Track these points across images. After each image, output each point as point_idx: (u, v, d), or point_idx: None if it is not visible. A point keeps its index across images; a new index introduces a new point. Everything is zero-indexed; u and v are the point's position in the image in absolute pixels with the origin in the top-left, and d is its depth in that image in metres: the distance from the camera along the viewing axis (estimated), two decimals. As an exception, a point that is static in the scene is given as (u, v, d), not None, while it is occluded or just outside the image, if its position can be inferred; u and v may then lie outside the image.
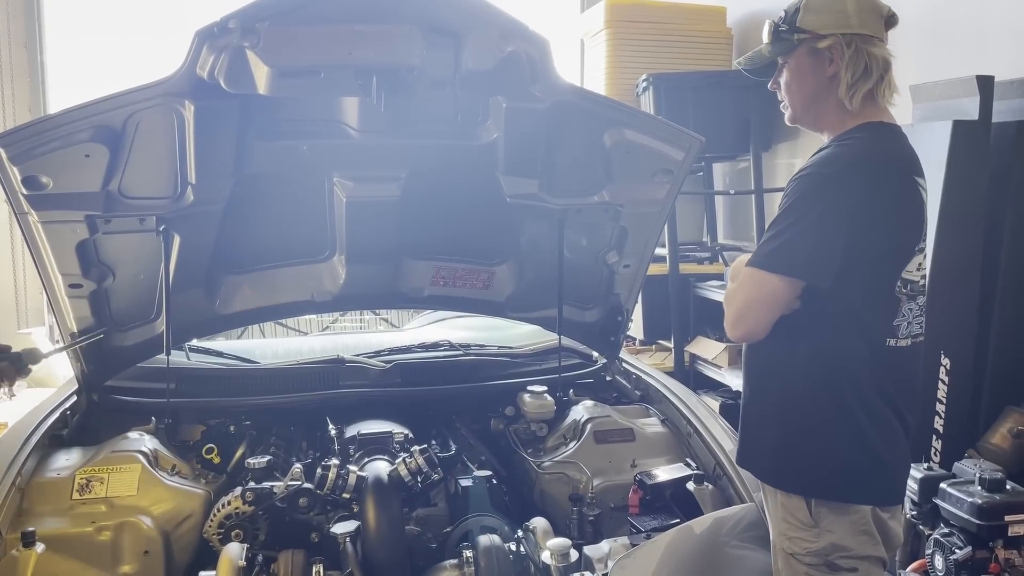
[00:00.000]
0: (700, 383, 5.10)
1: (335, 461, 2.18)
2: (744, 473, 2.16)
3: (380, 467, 2.20)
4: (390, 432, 2.42)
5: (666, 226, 5.03)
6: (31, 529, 1.94)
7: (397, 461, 2.21)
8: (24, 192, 2.08)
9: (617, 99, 5.51)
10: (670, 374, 5.12)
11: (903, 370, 1.77)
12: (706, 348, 4.94)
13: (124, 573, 2.09)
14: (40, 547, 1.94)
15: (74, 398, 2.60)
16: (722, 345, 4.80)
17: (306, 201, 2.42)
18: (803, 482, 1.75)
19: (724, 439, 2.37)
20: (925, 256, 1.77)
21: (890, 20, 1.75)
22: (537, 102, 2.12)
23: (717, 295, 4.83)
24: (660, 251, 5.19)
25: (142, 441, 2.37)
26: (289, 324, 3.89)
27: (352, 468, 2.17)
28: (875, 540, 1.73)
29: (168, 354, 2.46)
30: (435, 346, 2.93)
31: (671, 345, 5.17)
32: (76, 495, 2.18)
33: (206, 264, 2.45)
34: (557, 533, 2.15)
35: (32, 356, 1.78)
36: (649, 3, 5.44)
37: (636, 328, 5.45)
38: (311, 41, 1.81)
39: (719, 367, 4.77)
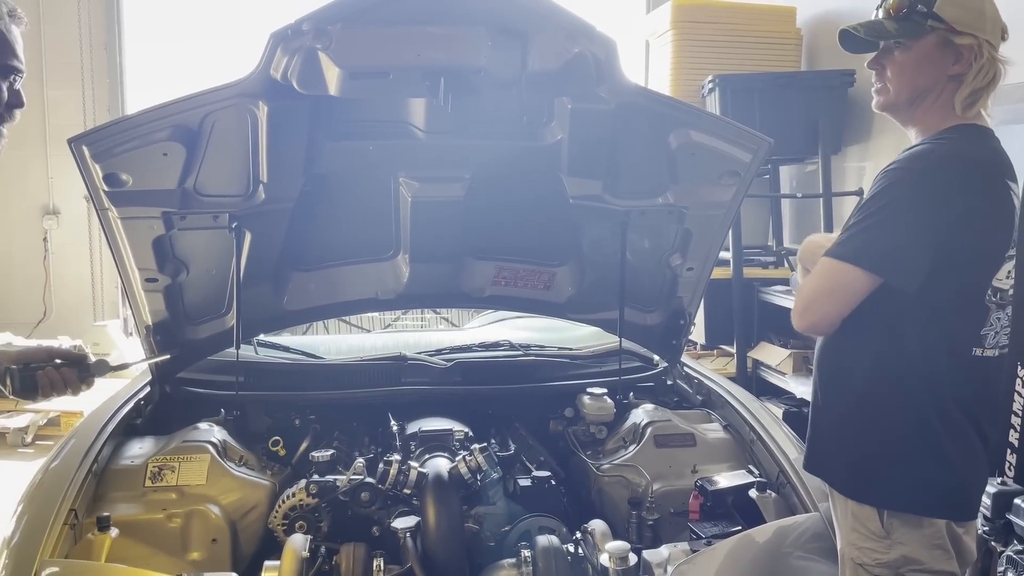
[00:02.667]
0: (763, 389, 5.02)
1: (396, 457, 2.21)
2: (810, 481, 2.12)
3: (440, 464, 2.22)
4: (450, 430, 2.44)
5: (730, 229, 4.98)
6: (106, 514, 2.01)
7: (457, 459, 2.23)
8: (105, 189, 2.16)
9: (684, 100, 5.49)
10: (732, 380, 5.09)
11: (986, 382, 1.72)
12: (770, 354, 4.86)
13: (193, 560, 2.15)
14: (114, 532, 2.01)
15: (148, 389, 2.69)
16: (787, 351, 4.71)
17: (372, 200, 2.46)
18: (876, 493, 1.71)
19: (788, 447, 2.33)
20: (1014, 263, 1.71)
21: (1003, 34, 1.70)
22: (602, 103, 2.11)
23: (782, 300, 4.75)
24: (724, 255, 5.12)
25: (211, 432, 2.44)
26: (352, 321, 3.95)
27: (413, 464, 2.20)
28: (949, 555, 1.68)
29: (238, 348, 2.52)
30: (496, 346, 2.95)
31: (733, 350, 5.10)
32: (148, 482, 2.25)
33: (275, 261, 2.50)
34: (615, 537, 2.14)
35: (99, 368, 1.84)
36: (716, 3, 5.38)
37: (697, 333, 5.39)
38: (381, 43, 1.84)
39: (783, 374, 4.69)
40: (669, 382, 2.96)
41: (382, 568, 2.04)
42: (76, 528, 1.99)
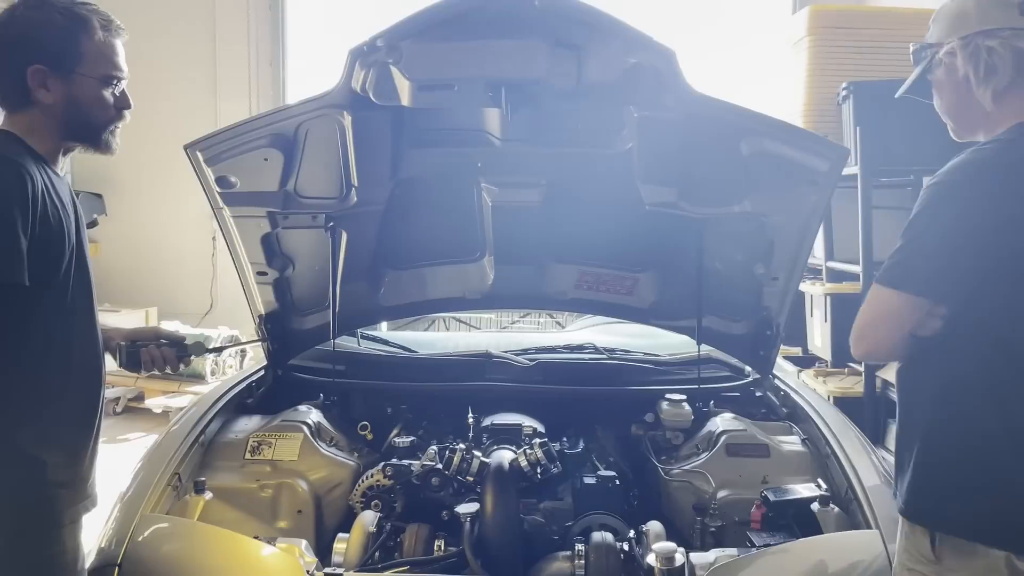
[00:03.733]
0: (891, 411, 4.77)
1: (462, 445, 2.34)
2: (877, 499, 2.07)
3: (503, 455, 2.33)
4: (520, 425, 2.54)
5: (860, 242, 4.79)
6: (202, 479, 2.26)
7: (519, 451, 2.33)
8: (218, 190, 2.42)
9: (818, 109, 5.34)
10: (859, 400, 4.88)
11: None
12: (899, 374, 4.61)
13: (280, 527, 2.36)
14: (208, 495, 2.25)
15: (261, 372, 2.96)
16: (916, 372, 4.46)
17: (458, 204, 2.61)
18: (928, 514, 1.64)
19: (862, 463, 2.27)
20: None
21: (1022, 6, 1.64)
22: (668, 112, 2.15)
23: (914, 318, 4.50)
24: (853, 268, 4.94)
25: (308, 414, 2.66)
26: (470, 322, 4.14)
27: (476, 453, 2.32)
28: None
29: (334, 339, 2.74)
30: (580, 348, 3.02)
31: (862, 369, 4.88)
32: (248, 455, 2.49)
33: (370, 259, 2.71)
34: (679, 541, 2.17)
35: (196, 348, 2.06)
36: (855, 9, 5.19)
37: (824, 350, 5.20)
38: (446, 56, 1.99)
39: (911, 395, 4.44)
40: (758, 394, 2.93)
41: (442, 548, 2.17)
42: (178, 489, 2.25)
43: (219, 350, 2.27)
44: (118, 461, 2.29)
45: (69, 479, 1.72)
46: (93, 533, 2.00)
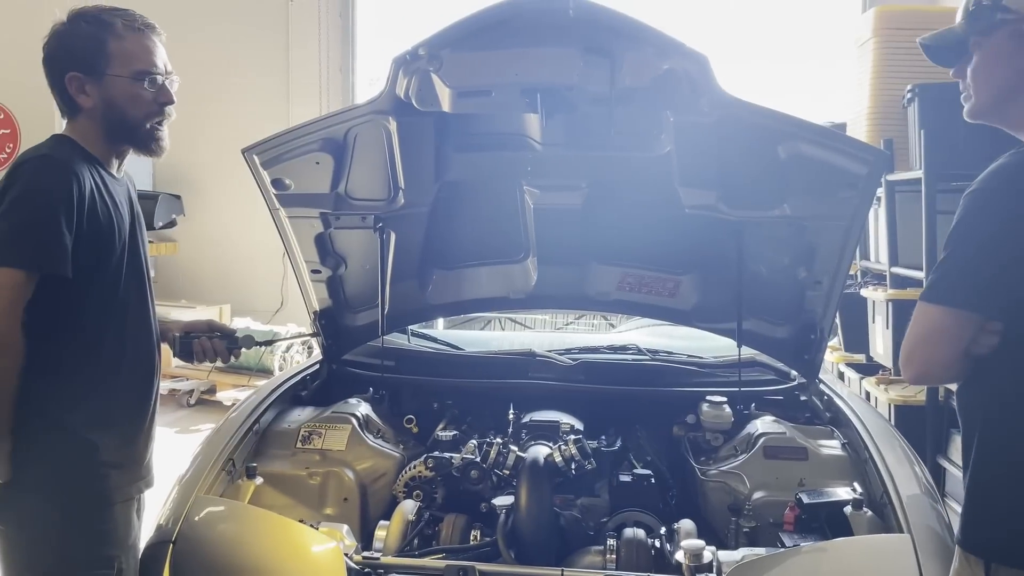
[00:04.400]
0: (954, 421, 4.66)
1: (499, 440, 2.41)
2: (911, 504, 2.06)
3: (539, 450, 2.39)
4: (558, 422, 2.60)
5: (924, 248, 4.69)
6: (253, 464, 2.39)
7: (554, 447, 2.39)
8: (273, 192, 2.56)
9: (883, 112, 5.24)
10: (922, 409, 4.77)
11: None
12: (962, 383, 4.50)
13: (326, 514, 2.47)
14: (259, 480, 2.38)
15: (316, 367, 3.10)
16: (980, 381, 4.35)
17: (502, 206, 2.68)
18: (981, 543, 1.56)
19: (899, 468, 2.25)
20: None
21: None
22: (704, 116, 2.18)
23: (979, 326, 4.38)
24: (916, 274, 4.83)
25: (358, 407, 2.77)
26: (526, 323, 4.22)
27: (513, 448, 2.39)
28: None
29: (383, 335, 2.85)
30: (623, 349, 3.06)
31: (925, 377, 4.78)
32: (299, 444, 2.61)
33: (418, 259, 2.80)
34: (714, 540, 2.21)
35: (245, 341, 2.18)
36: (921, 9, 5.09)
37: (886, 357, 5.10)
38: (483, 64, 2.07)
39: (975, 405, 4.33)
40: (803, 398, 2.91)
41: (478, 538, 2.25)
42: (232, 474, 2.39)
43: (269, 343, 2.40)
44: (186, 449, 2.45)
45: (122, 460, 1.86)
46: (153, 512, 2.15)
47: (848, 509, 2.17)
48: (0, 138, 7.44)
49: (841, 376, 5.97)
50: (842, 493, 2.26)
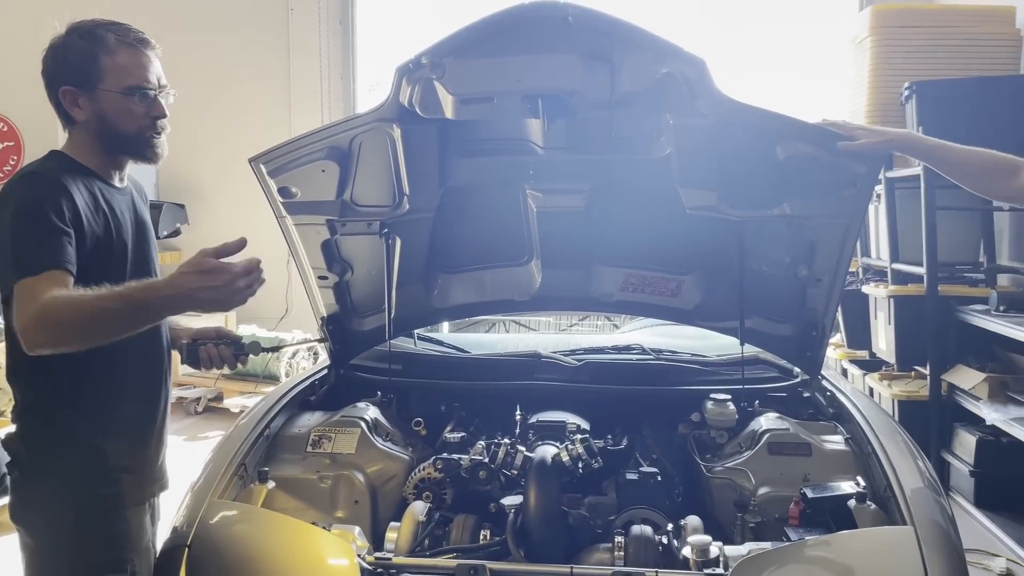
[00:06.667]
0: (958, 415, 4.69)
1: (507, 440, 2.45)
2: (914, 496, 2.09)
3: (546, 451, 2.42)
4: (564, 422, 2.63)
5: (924, 244, 4.72)
6: (265, 469, 2.42)
7: (561, 447, 2.42)
8: (280, 200, 2.60)
9: (882, 109, 5.28)
10: (925, 404, 4.79)
11: None
12: (965, 377, 4.53)
13: (338, 517, 2.49)
14: (271, 484, 2.41)
15: (325, 372, 3.13)
16: (982, 375, 4.38)
17: (506, 210, 2.72)
18: None
19: (902, 462, 2.29)
20: None
21: None
22: (702, 118, 2.22)
23: (980, 320, 4.42)
24: (917, 270, 4.86)
25: (366, 410, 2.80)
26: (531, 325, 4.25)
27: (520, 448, 2.43)
28: None
29: (390, 339, 2.89)
30: (627, 349, 3.10)
31: (928, 372, 4.81)
32: (309, 448, 2.64)
33: (423, 263, 2.84)
34: (721, 536, 2.24)
35: (252, 347, 2.19)
36: (919, 7, 5.12)
37: (888, 353, 5.13)
38: (485, 71, 2.10)
39: (977, 399, 4.36)
40: (806, 394, 2.95)
41: (488, 537, 2.29)
42: (244, 478, 2.42)
43: (274, 349, 2.43)
44: (197, 456, 2.49)
45: (133, 465, 1.90)
46: (168, 517, 2.19)
47: (852, 503, 2.20)
48: (4, 151, 7.49)
49: (844, 373, 6.00)
50: (846, 487, 2.29)
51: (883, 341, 5.21)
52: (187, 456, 2.30)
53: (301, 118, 7.35)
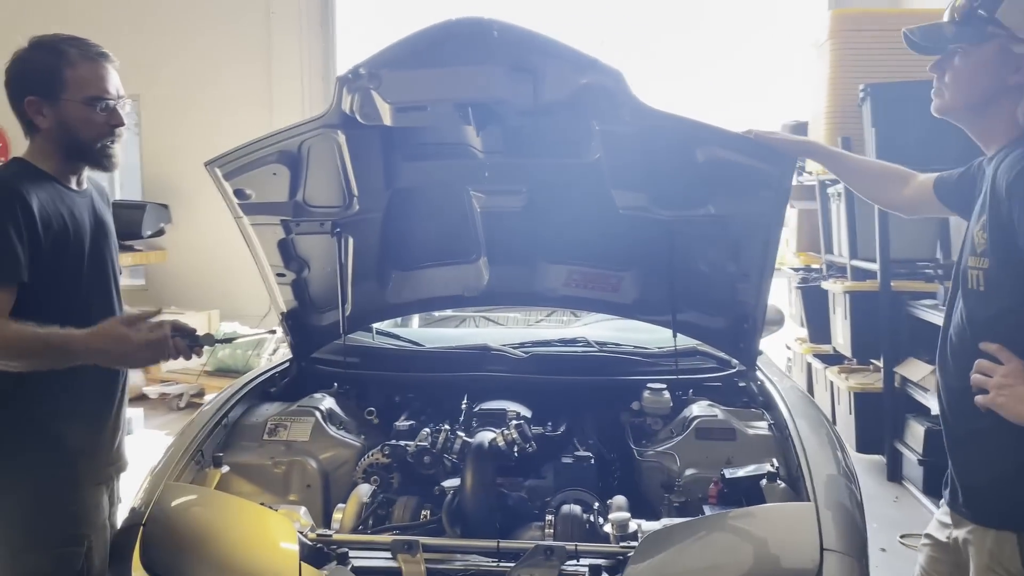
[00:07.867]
0: (909, 407, 4.87)
1: (446, 427, 2.61)
2: (818, 476, 2.25)
3: (483, 436, 2.57)
4: (505, 410, 2.79)
5: (877, 241, 4.88)
6: (220, 454, 2.57)
7: (498, 432, 2.58)
8: (236, 201, 2.74)
9: (841, 111, 5.42)
10: (878, 395, 4.96)
11: None
12: (915, 370, 4.70)
13: (290, 500, 2.64)
14: (225, 468, 2.56)
15: (287, 364, 3.29)
16: (930, 367, 4.54)
17: (452, 211, 2.88)
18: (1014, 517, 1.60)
19: (812, 442, 2.45)
20: None
21: None
22: (626, 125, 2.37)
23: (929, 314, 4.58)
24: (871, 266, 5.02)
25: (322, 400, 2.95)
26: (498, 320, 4.40)
27: (461, 434, 2.58)
28: None
29: (344, 333, 3.04)
30: (573, 341, 3.25)
31: (882, 365, 4.97)
32: (266, 436, 2.78)
33: (376, 261, 2.99)
34: (650, 515, 2.40)
35: (205, 339, 2.32)
36: (877, 12, 5.28)
37: (845, 347, 5.30)
38: (418, 82, 2.25)
39: (926, 390, 4.53)
40: (741, 384, 3.10)
41: (427, 517, 2.44)
42: (200, 463, 2.57)
43: (227, 341, 2.59)
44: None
45: (89, 448, 2.05)
46: (129, 499, 2.35)
47: (764, 482, 2.37)
48: (-6, 152, 7.64)
49: (809, 367, 6.17)
50: (760, 468, 2.46)
51: (841, 335, 5.38)
52: (164, 448, 2.47)
53: (282, 119, 7.44)
